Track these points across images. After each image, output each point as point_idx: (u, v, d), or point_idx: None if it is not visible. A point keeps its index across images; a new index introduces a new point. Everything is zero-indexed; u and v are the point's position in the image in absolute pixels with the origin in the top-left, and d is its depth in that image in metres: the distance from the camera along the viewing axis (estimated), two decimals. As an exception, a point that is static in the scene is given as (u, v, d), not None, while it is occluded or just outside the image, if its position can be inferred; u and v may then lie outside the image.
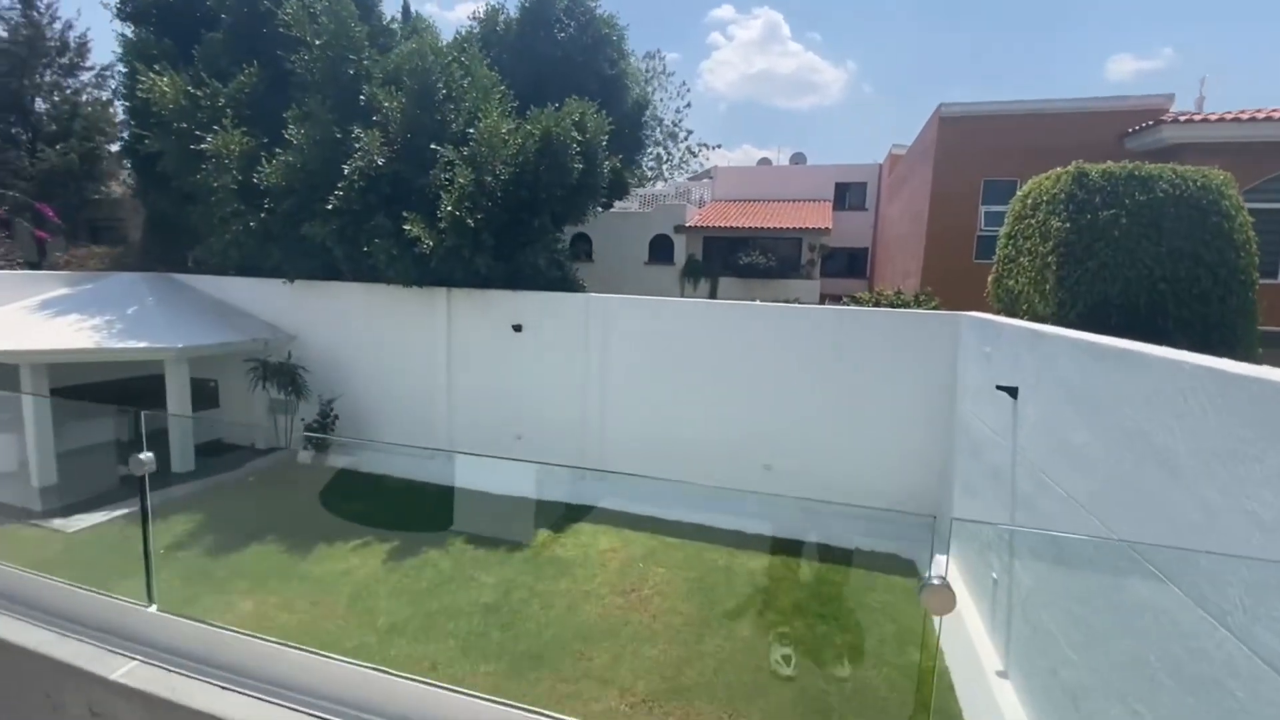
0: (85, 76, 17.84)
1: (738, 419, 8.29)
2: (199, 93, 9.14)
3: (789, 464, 8.16)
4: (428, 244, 8.18)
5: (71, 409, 9.60)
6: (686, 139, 35.95)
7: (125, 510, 7.98)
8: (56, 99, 17.20)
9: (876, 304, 9.05)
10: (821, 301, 16.05)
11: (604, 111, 9.74)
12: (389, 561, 7.08)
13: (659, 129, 35.18)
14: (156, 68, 9.30)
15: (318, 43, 8.75)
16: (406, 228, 8.22)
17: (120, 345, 8.52)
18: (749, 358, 8.16)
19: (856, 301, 9.30)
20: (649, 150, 35.27)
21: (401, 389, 9.85)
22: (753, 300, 9.28)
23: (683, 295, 18.38)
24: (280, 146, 8.97)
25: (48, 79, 17.08)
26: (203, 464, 9.73)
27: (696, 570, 7.09)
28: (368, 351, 10.04)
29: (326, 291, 10.07)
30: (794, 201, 23.75)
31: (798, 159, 28.11)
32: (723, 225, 19.91)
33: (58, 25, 17.13)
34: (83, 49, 17.62)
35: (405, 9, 11.61)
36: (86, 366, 9.37)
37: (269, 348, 9.93)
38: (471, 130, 8.66)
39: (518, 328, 9.09)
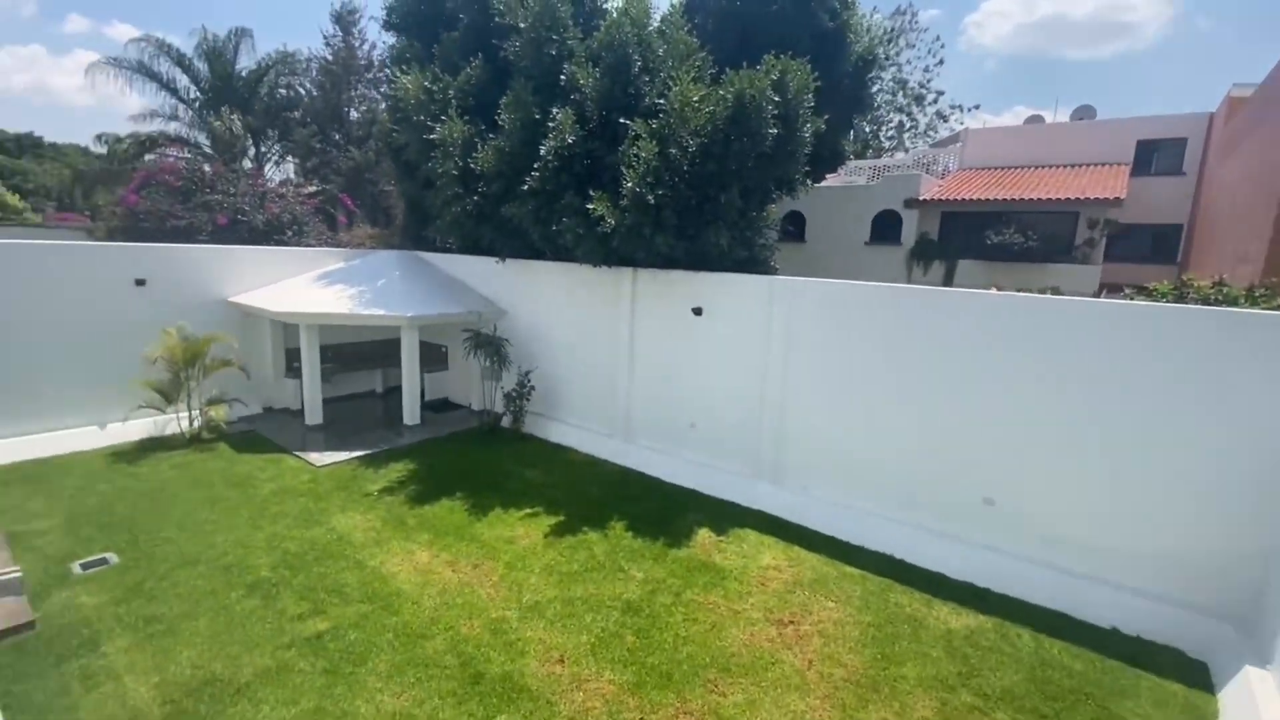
0: (384, 88, 21.63)
1: (952, 437, 6.69)
2: (434, 88, 10.16)
3: (1021, 502, 6.35)
4: (610, 223, 8.00)
5: (338, 362, 11.61)
6: (936, 101, 31.42)
7: (361, 453, 9.37)
8: (363, 109, 21.15)
9: (1180, 298, 6.49)
10: (1099, 292, 12.58)
11: (814, 69, 8.53)
12: (549, 536, 7.16)
13: (901, 92, 31.31)
14: (404, 69, 10.58)
15: (524, 26, 9.05)
16: (591, 207, 8.14)
17: (366, 312, 9.97)
18: (977, 362, 6.48)
19: (1148, 295, 6.81)
20: (888, 116, 31.68)
21: (587, 366, 10.01)
22: (997, 288, 7.37)
23: (908, 280, 16.03)
24: (494, 132, 9.56)
25: (357, 92, 21.07)
26: (428, 418, 11.12)
27: (876, 614, 5.88)
28: (560, 328, 10.39)
29: (528, 270, 10.63)
30: (1071, 167, 19.19)
31: (1084, 113, 22.58)
32: (968, 198, 16.83)
33: (365, 47, 20.98)
34: (383, 64, 21.34)
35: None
36: (348, 328, 11.26)
37: (482, 320, 10.85)
38: (661, 101, 8.21)
39: (698, 311, 8.52)
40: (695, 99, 7.94)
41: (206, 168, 14.77)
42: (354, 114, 21.07)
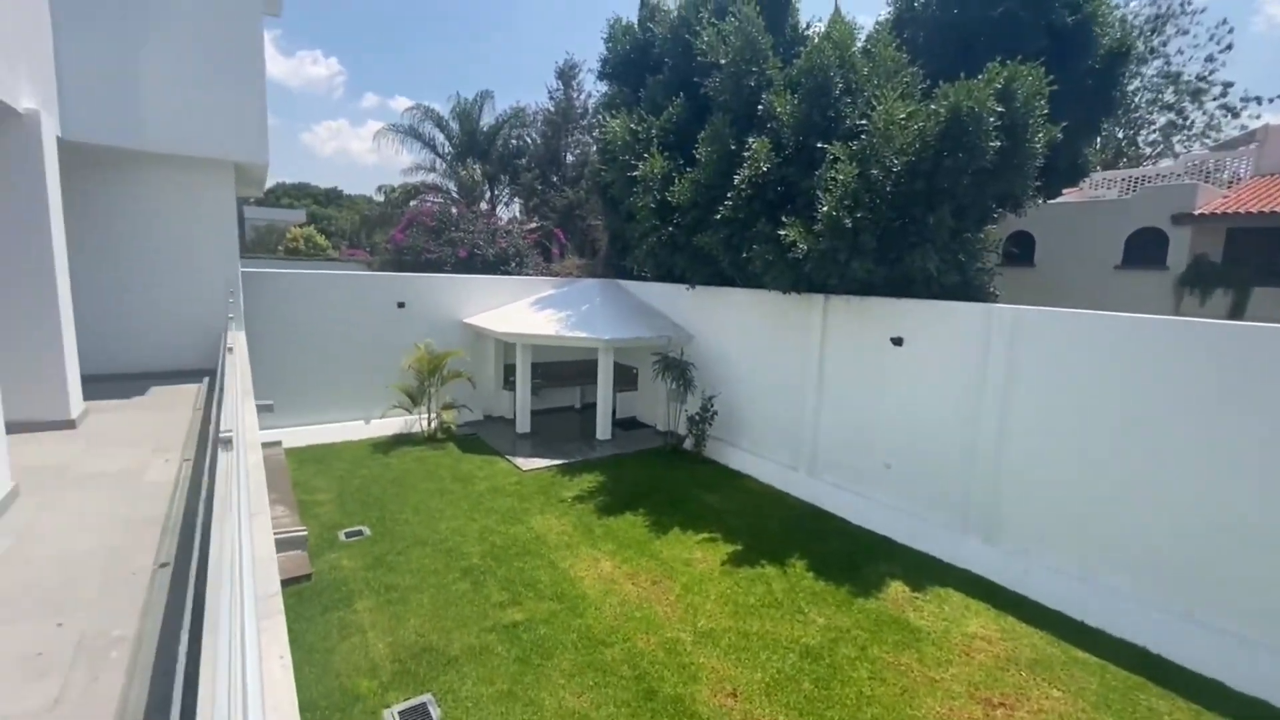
0: (595, 133, 23.86)
1: (1235, 506, 5.28)
2: (638, 128, 10.93)
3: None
4: (802, 248, 7.82)
5: (545, 378, 12.84)
6: (1223, 95, 25.77)
7: (559, 461, 10.22)
8: (577, 152, 23.48)
9: None
10: None
11: (1050, 71, 7.54)
12: (726, 564, 7.08)
13: (1172, 88, 26.14)
14: (614, 113, 11.55)
15: (724, 62, 9.34)
16: (782, 233, 8.04)
17: (570, 334, 10.92)
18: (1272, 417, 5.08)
19: None
20: (1149, 117, 26.57)
21: (772, 394, 9.80)
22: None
23: (1175, 312, 13.16)
24: (692, 166, 9.97)
25: (573, 137, 23.47)
26: (617, 435, 11.77)
27: (1119, 716, 4.81)
28: (745, 355, 10.34)
29: (716, 296, 10.80)
30: None
31: None
32: (1268, 210, 13.36)
33: (582, 97, 23.34)
34: (596, 111, 23.56)
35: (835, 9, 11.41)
36: (555, 348, 12.40)
37: (670, 344, 11.24)
38: (864, 122, 7.87)
39: (897, 341, 7.89)
40: (901, 116, 7.47)
41: (453, 210, 17.54)
42: (569, 157, 23.48)
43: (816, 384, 9.03)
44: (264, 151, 7.76)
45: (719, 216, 9.11)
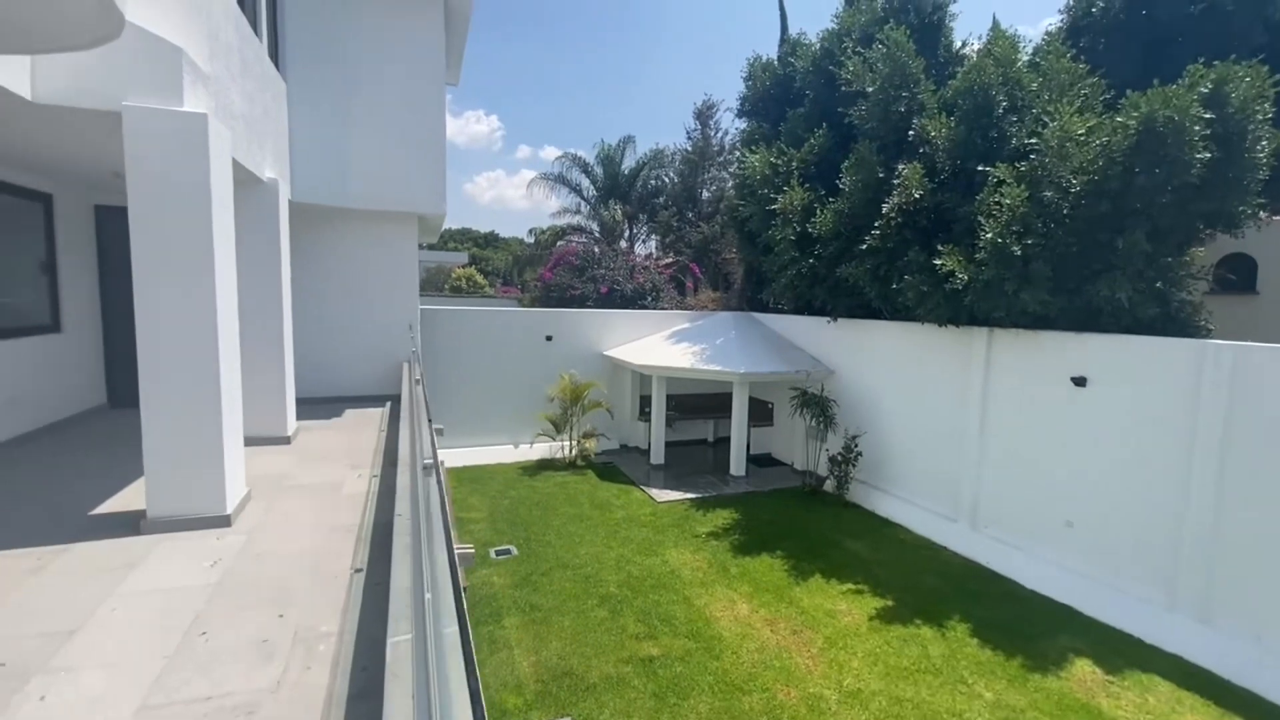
0: (731, 168, 24.14)
1: None
2: (778, 162, 10.90)
3: None
4: (961, 278, 7.25)
5: (679, 411, 12.96)
6: None
7: (692, 495, 10.20)
8: (713, 188, 23.88)
9: None
10: None
11: (1273, 70, 6.44)
12: (875, 620, 6.57)
13: None
14: (753, 149, 11.63)
15: (871, 90, 9.05)
16: (938, 262, 7.51)
17: (704, 367, 10.96)
18: None
19: None
20: None
21: (926, 436, 9.07)
22: None
23: None
24: (834, 196, 9.72)
25: (709, 174, 23.92)
26: (752, 471, 11.53)
27: None
28: (894, 392, 9.70)
29: (861, 329, 10.29)
30: None
31: None
32: None
33: (719, 135, 23.79)
34: (733, 148, 23.88)
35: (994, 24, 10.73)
36: (690, 380, 12.50)
37: (809, 379, 10.87)
38: (1033, 140, 7.20)
39: (1079, 381, 6.97)
40: (1080, 131, 6.74)
41: (595, 249, 18.56)
42: (705, 193, 23.93)
43: (979, 426, 8.21)
44: (442, 204, 8.82)
45: (865, 246, 8.75)
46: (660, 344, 12.45)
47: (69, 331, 6.82)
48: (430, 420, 5.01)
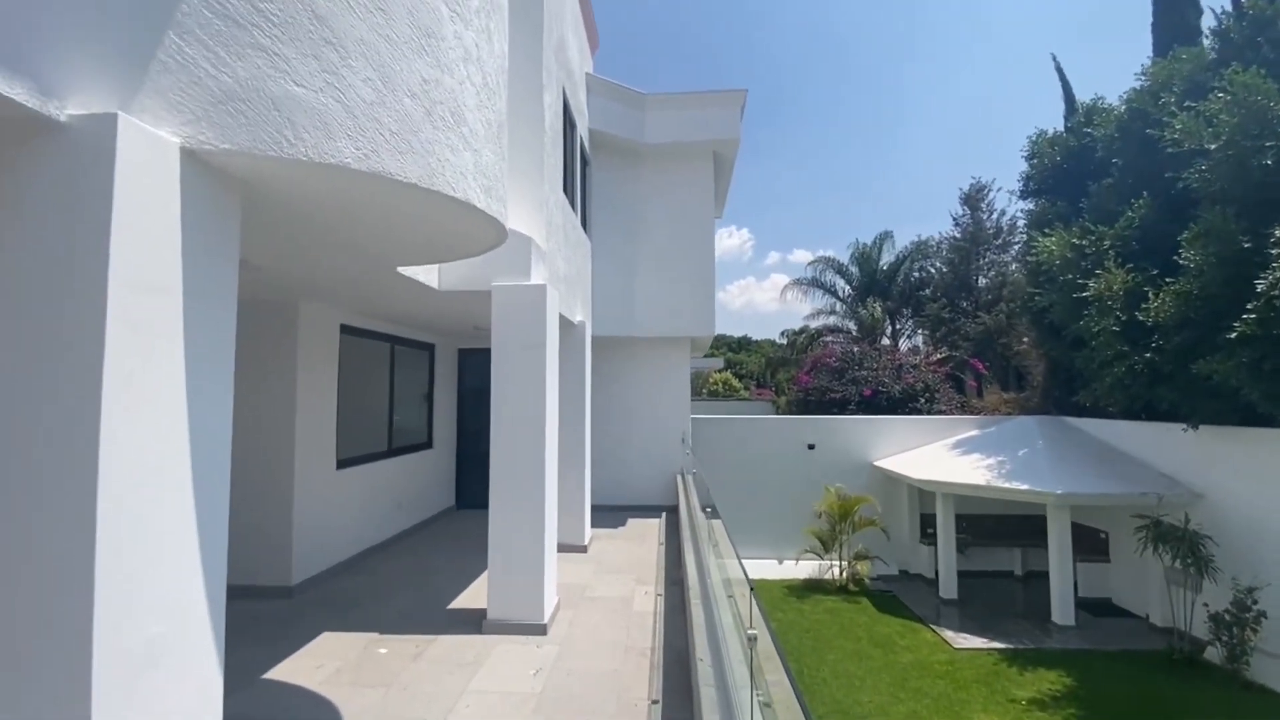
0: (1012, 251, 21.52)
1: None
2: (1083, 242, 9.35)
3: None
4: None
5: (971, 534, 11.12)
6: None
7: (1001, 645, 8.45)
8: (991, 274, 21.44)
9: None
10: None
11: None
12: None
13: None
14: (1047, 230, 10.21)
15: (1214, 146, 7.36)
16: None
17: (1006, 485, 9.34)
18: None
19: None
20: None
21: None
22: None
23: None
24: (1170, 276, 7.92)
25: (985, 260, 21.61)
26: (1084, 621, 9.18)
27: None
28: (1316, 530, 6.96)
29: (1239, 440, 7.79)
30: None
31: None
32: None
33: (993, 216, 21.61)
34: (1012, 229, 21.40)
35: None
36: (984, 499, 10.75)
37: (1162, 504, 8.46)
38: None
39: None
40: None
41: (855, 349, 17.82)
42: (982, 280, 21.57)
43: None
44: (711, 327, 9.53)
45: (1235, 335, 6.81)
46: (944, 454, 11.07)
47: (437, 447, 8.84)
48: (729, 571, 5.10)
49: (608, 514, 8.95)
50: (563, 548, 6.56)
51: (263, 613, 4.99)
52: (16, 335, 1.62)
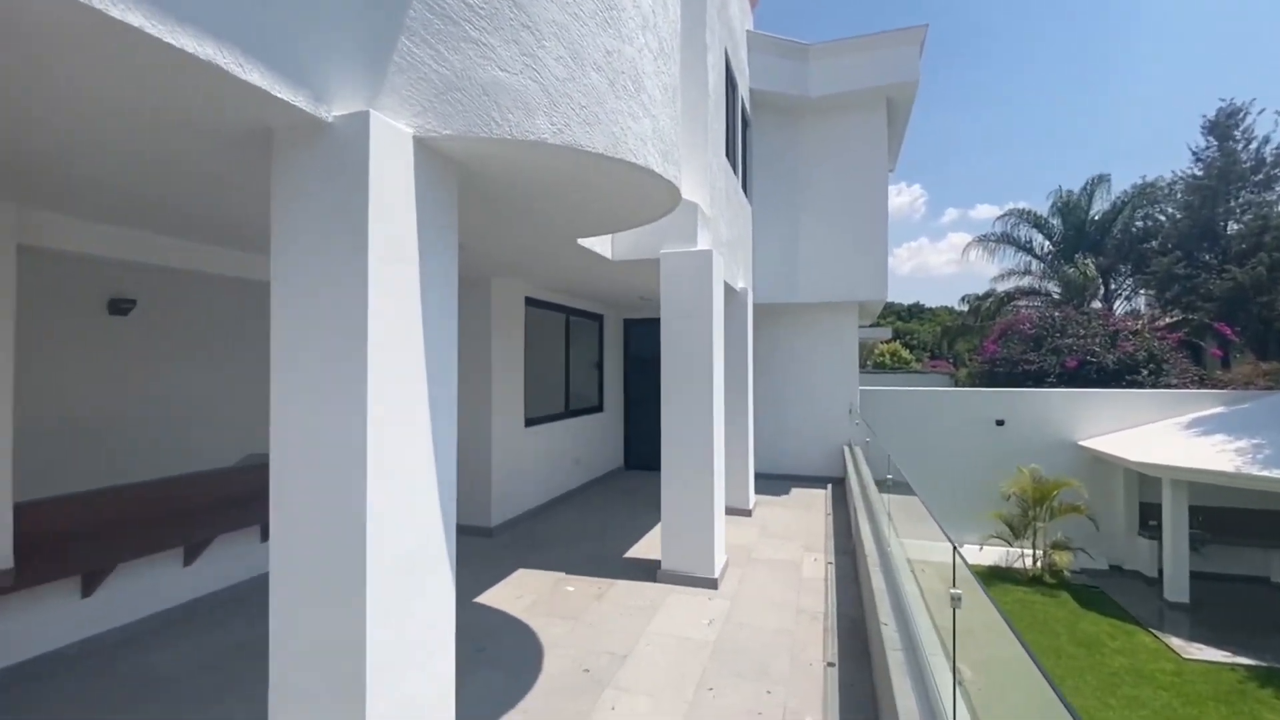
0: (1278, 189, 17.18)
1: None
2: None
3: None
4: None
5: (1211, 530, 9.34)
6: None
7: (1249, 661, 7.10)
8: (1247, 218, 17.33)
9: None
10: None
11: None
12: None
13: None
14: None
15: None
16: None
17: (1264, 474, 7.69)
18: None
19: None
20: None
21: None
22: None
23: None
24: None
25: (1239, 200, 17.51)
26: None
27: None
28: None
29: None
30: None
31: None
32: None
33: (1251, 146, 17.36)
34: (1277, 161, 17.07)
35: None
36: (1229, 490, 8.94)
37: None
38: None
39: None
40: None
41: (1056, 314, 15.53)
42: (1232, 227, 17.55)
43: None
44: (883, 290, 8.90)
45: None
46: (1173, 434, 9.38)
47: (607, 411, 9.40)
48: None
49: (771, 482, 8.90)
50: (728, 510, 6.67)
51: (469, 548, 5.75)
52: (301, 312, 2.01)
